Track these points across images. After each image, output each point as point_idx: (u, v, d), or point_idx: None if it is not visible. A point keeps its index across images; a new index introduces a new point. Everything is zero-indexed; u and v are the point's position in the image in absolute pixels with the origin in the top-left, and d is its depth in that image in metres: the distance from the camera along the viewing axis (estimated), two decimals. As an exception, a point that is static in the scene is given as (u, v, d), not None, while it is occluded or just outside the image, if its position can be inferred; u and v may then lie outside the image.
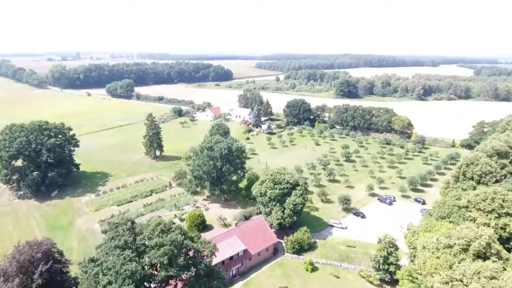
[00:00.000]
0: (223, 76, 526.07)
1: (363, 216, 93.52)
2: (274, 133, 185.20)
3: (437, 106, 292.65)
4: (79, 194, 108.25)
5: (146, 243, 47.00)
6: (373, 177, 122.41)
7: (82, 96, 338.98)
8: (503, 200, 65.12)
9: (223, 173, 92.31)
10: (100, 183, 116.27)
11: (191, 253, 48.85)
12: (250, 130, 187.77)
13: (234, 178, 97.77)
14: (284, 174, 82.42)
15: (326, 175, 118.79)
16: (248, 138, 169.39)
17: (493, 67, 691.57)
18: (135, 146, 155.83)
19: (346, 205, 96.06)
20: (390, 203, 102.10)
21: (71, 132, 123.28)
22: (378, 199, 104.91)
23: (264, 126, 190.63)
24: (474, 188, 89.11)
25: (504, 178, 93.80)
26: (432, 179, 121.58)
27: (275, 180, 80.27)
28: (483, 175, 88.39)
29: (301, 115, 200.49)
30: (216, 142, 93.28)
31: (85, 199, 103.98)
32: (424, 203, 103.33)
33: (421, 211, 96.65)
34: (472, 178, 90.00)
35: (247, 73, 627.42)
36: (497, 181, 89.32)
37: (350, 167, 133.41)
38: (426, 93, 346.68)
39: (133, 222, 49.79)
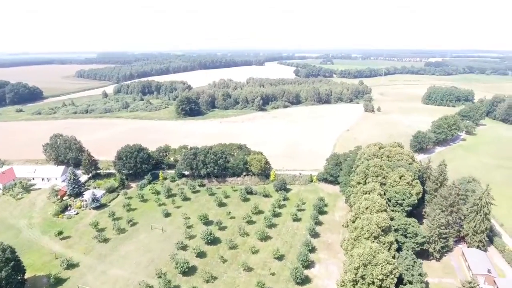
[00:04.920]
0: (28, 96, 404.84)
1: None
2: (103, 205, 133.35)
3: (275, 116, 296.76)
4: None
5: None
6: (248, 270, 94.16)
7: None
8: None
9: None
10: None
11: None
12: (65, 208, 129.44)
13: None
14: None
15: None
16: (60, 232, 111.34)
17: (306, 65, 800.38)
18: None
19: None
20: (282, 329, 75.07)
21: None
22: (265, 325, 76.27)
23: (88, 194, 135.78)
24: (378, 297, 71.17)
25: (395, 259, 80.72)
26: (311, 250, 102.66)
27: None
28: (384, 278, 71.10)
29: (140, 167, 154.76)
30: None
31: None
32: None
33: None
34: (373, 283, 71.66)
35: (64, 86, 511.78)
36: (399, 282, 74.47)
37: (215, 257, 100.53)
38: (265, 102, 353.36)
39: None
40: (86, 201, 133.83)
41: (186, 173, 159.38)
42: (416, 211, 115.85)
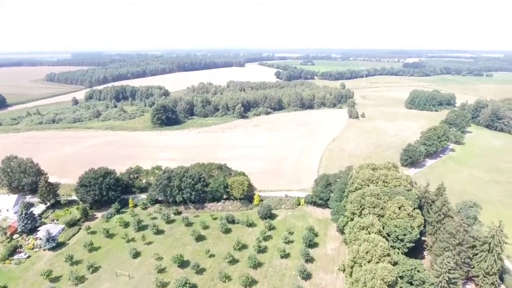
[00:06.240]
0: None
1: None
2: (61, 244, 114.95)
3: (257, 125, 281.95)
4: None
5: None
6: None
7: None
8: None
9: None
10: None
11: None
12: (14, 250, 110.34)
13: None
14: None
15: None
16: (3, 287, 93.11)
17: (287, 67, 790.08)
18: None
19: None
20: None
21: None
22: None
23: (43, 230, 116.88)
24: None
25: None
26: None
27: None
28: None
29: (106, 194, 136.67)
30: None
31: None
32: None
33: None
34: None
35: (32, 92, 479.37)
36: None
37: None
38: (246, 108, 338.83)
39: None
40: (41, 239, 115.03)
41: (160, 198, 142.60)
42: (416, 243, 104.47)
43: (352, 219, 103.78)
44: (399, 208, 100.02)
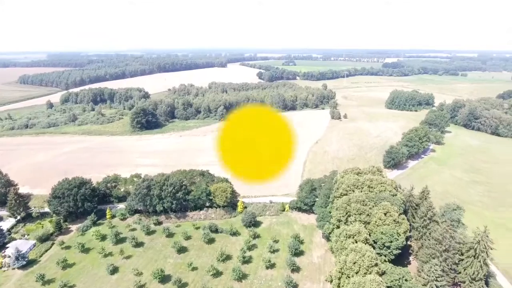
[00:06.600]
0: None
1: None
2: (33, 261, 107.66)
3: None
4: None
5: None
6: None
7: None
8: None
9: None
10: None
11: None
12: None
13: None
14: None
15: None
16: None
17: (269, 67, 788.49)
18: None
19: None
20: None
21: None
22: None
23: (12, 247, 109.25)
24: None
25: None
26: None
27: None
28: None
29: (81, 205, 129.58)
30: None
31: None
32: None
33: None
34: None
35: (3, 95, 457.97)
36: None
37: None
38: (228, 110, 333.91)
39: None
40: (9, 257, 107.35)
41: (139, 208, 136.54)
42: (402, 248, 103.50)
43: (338, 227, 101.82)
44: (385, 214, 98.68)
